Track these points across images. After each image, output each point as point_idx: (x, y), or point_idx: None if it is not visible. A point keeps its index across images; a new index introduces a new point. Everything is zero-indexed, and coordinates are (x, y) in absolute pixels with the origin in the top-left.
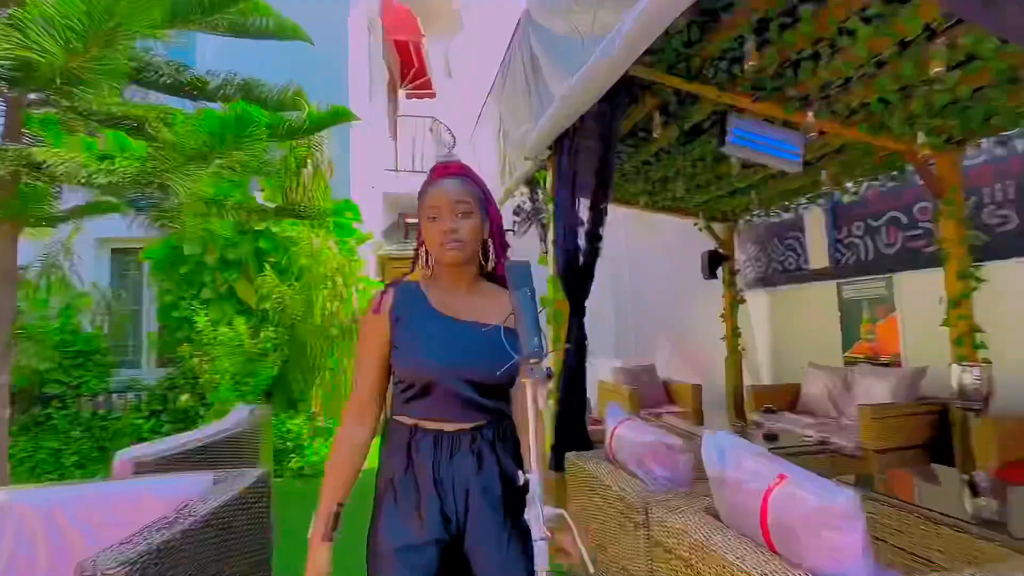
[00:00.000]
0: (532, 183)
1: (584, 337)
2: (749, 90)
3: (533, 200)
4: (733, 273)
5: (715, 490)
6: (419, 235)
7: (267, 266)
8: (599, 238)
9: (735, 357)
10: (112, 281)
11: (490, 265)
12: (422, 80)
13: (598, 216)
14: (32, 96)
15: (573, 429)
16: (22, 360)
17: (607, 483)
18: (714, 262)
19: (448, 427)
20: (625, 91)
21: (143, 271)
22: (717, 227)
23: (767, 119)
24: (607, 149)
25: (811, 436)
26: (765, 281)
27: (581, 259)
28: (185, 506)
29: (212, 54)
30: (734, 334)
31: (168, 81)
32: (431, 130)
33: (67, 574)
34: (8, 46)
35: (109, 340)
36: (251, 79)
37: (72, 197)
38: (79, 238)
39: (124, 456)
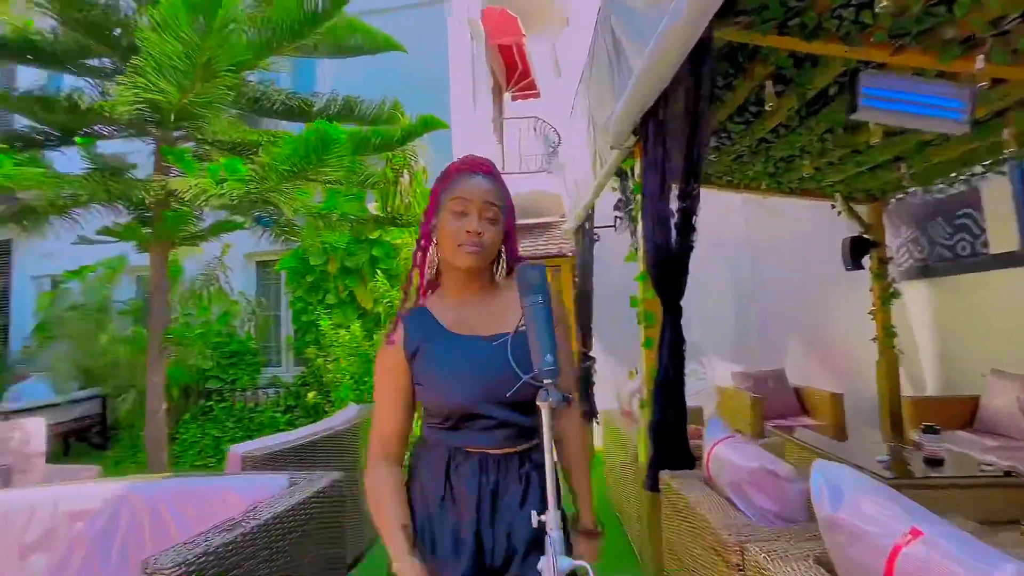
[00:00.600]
0: (622, 174)
1: (681, 340)
2: (885, 39)
3: (623, 192)
4: (884, 262)
5: (826, 535)
6: (428, 227)
7: (379, 272)
8: (692, 229)
9: (888, 361)
10: (257, 290)
11: (500, 274)
12: (526, 81)
13: (690, 205)
14: (176, 133)
15: (671, 442)
16: (191, 359)
17: (700, 511)
18: (858, 249)
19: (494, 451)
20: (712, 59)
21: (281, 280)
22: (860, 209)
23: (915, 72)
24: (696, 128)
25: (993, 463)
26: (926, 270)
27: (673, 253)
28: (253, 508)
29: (331, 74)
30: (887, 334)
31: (280, 108)
32: (535, 130)
33: None
34: (136, 90)
35: (257, 342)
36: (351, 98)
37: (216, 217)
38: (230, 253)
39: (235, 450)
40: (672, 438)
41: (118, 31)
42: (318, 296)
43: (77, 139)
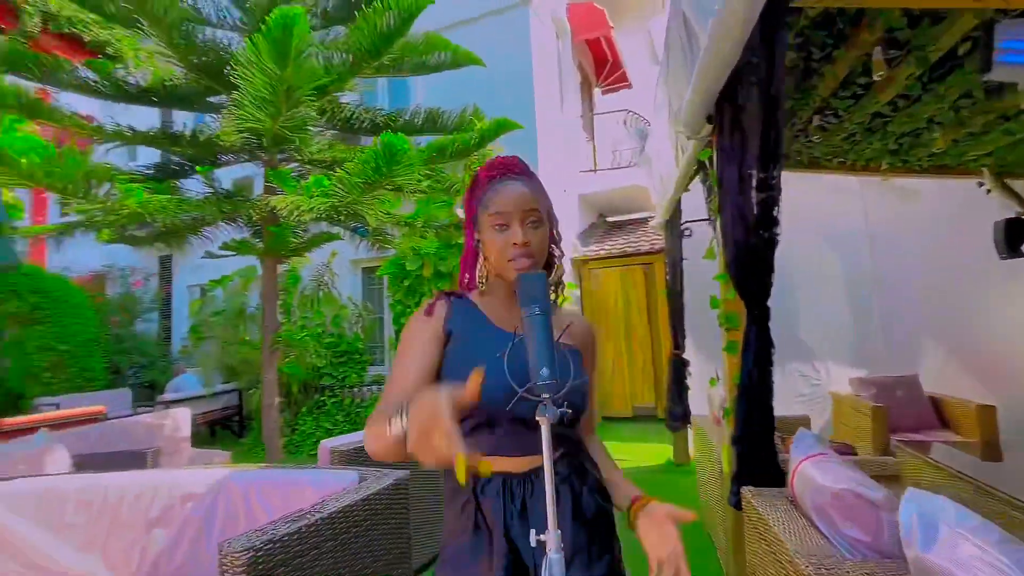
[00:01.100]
0: (702, 165)
1: (768, 344)
2: None
3: (704, 184)
4: None
5: None
6: (470, 244)
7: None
8: (774, 223)
9: None
10: (363, 294)
11: (553, 279)
12: (617, 74)
13: (770, 196)
14: (281, 156)
15: (756, 456)
16: (307, 359)
17: (779, 535)
18: (1017, 233)
19: (517, 467)
20: (784, 26)
21: (384, 285)
22: (1017, 185)
23: None
24: (773, 108)
25: None
26: None
27: (754, 250)
28: (321, 501)
29: (423, 86)
30: None
31: (368, 125)
32: (625, 123)
33: None
34: (238, 121)
35: (364, 343)
36: (433, 110)
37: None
38: (339, 260)
39: (325, 444)
40: (757, 451)
41: (228, 70)
42: (415, 299)
43: (197, 168)
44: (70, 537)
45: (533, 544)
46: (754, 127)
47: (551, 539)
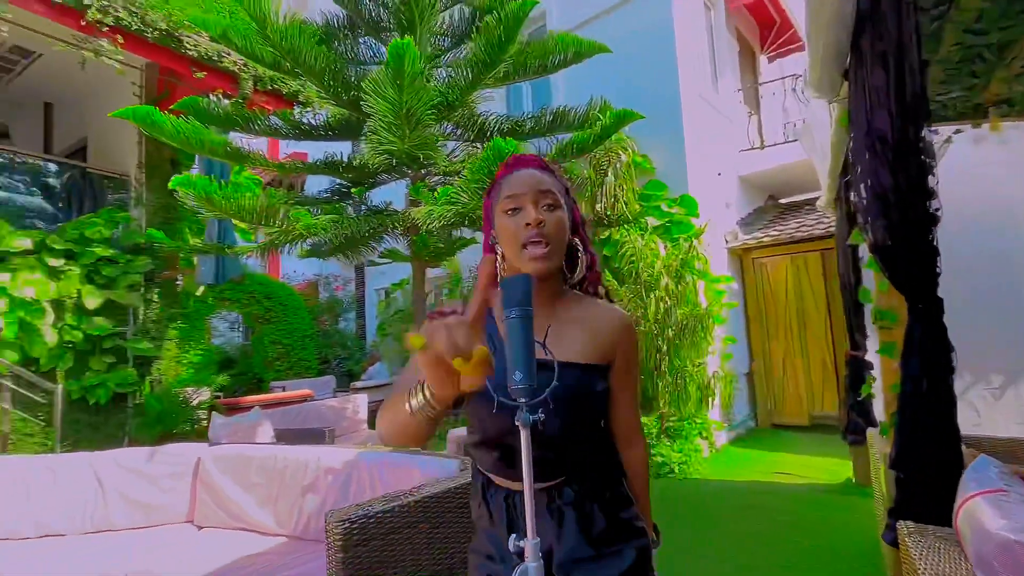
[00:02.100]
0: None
1: (944, 346)
2: None
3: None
4: None
5: None
6: (488, 237)
7: (606, 271)
8: (929, 193)
9: None
10: None
11: (578, 275)
12: (787, 35)
13: (917, 162)
14: (425, 171)
15: (921, 484)
16: None
17: None
18: None
19: (517, 486)
20: None
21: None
22: None
23: None
24: (905, 47)
25: None
26: None
27: (908, 229)
28: (420, 486)
29: (563, 82)
30: None
31: (498, 132)
32: (795, 90)
33: None
34: (375, 145)
35: None
36: (558, 110)
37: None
38: None
39: (452, 433)
40: (922, 478)
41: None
42: None
43: (352, 190)
44: (253, 494)
45: (512, 549)
46: (887, 74)
47: (529, 548)
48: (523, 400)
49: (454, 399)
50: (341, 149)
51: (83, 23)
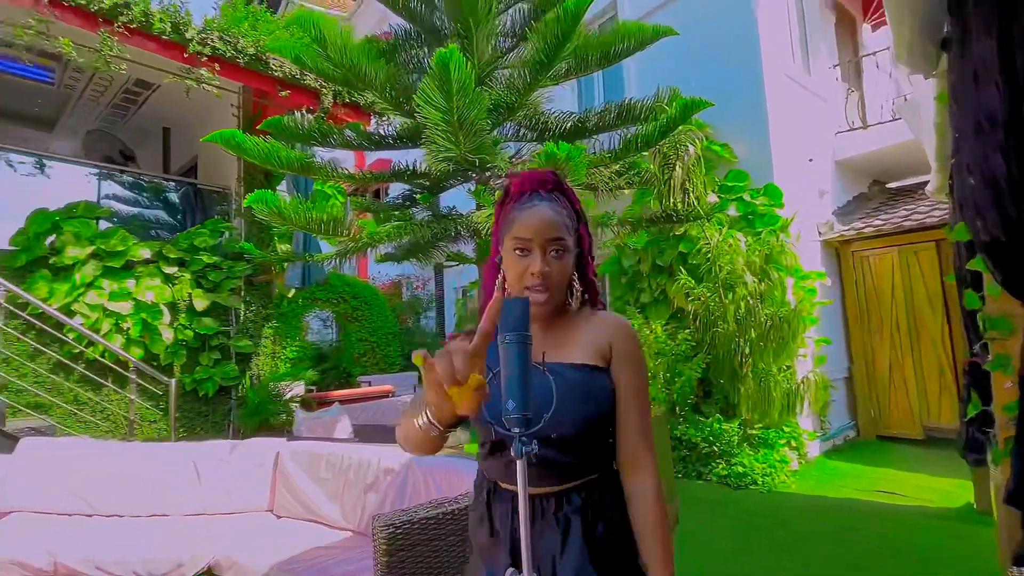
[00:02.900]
0: None
1: None
2: None
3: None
4: None
5: None
6: (494, 257)
7: (681, 268)
8: None
9: None
10: None
11: (575, 303)
12: None
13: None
14: (488, 174)
15: None
16: None
17: None
18: None
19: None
20: None
21: (606, 283)
22: None
23: None
24: (1014, 19)
25: None
26: None
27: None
28: (465, 493)
29: (636, 72)
30: None
31: (560, 131)
32: None
33: None
34: (434, 152)
35: None
36: (624, 103)
37: None
38: None
39: None
40: None
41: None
42: (634, 295)
43: (418, 197)
44: (323, 488)
45: None
46: (995, 42)
47: None
48: (517, 430)
49: (453, 421)
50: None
51: (186, 55)
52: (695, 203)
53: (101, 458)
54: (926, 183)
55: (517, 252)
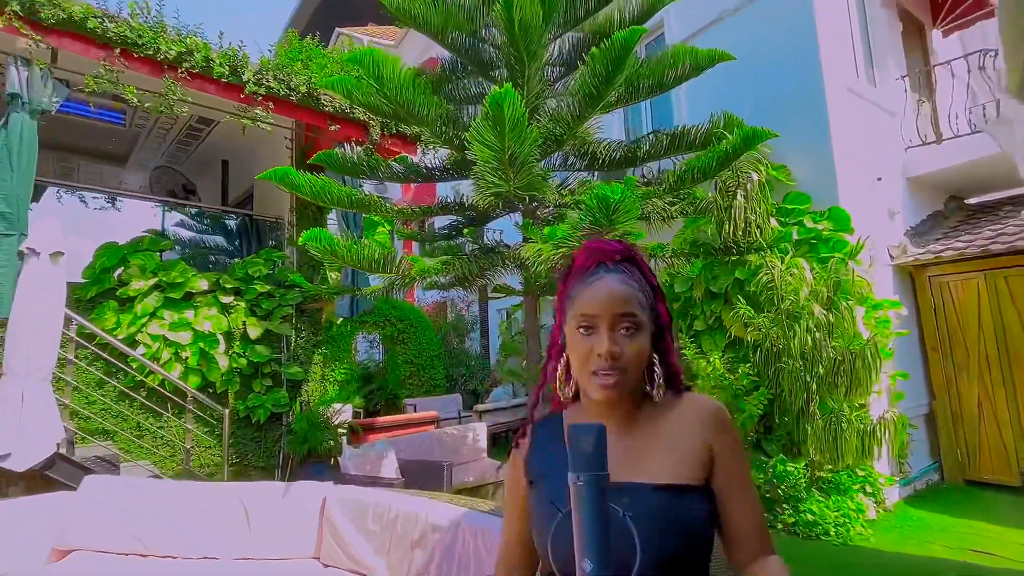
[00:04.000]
0: None
1: None
2: None
3: None
4: None
5: None
6: (556, 339)
7: (739, 296)
8: None
9: None
10: None
11: (657, 393)
12: (968, 2)
13: None
14: (534, 205)
15: None
16: None
17: None
18: None
19: None
20: None
21: None
22: None
23: None
24: None
25: None
26: None
27: None
28: None
29: (687, 98)
30: None
31: (611, 160)
32: (981, 68)
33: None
34: (483, 187)
35: None
36: (676, 130)
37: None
38: None
39: None
40: None
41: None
42: (686, 322)
43: (464, 231)
44: (370, 540)
45: None
46: None
47: None
48: None
49: None
50: (463, 186)
51: (242, 95)
52: (757, 233)
53: (158, 497)
54: (1012, 199)
55: (581, 331)
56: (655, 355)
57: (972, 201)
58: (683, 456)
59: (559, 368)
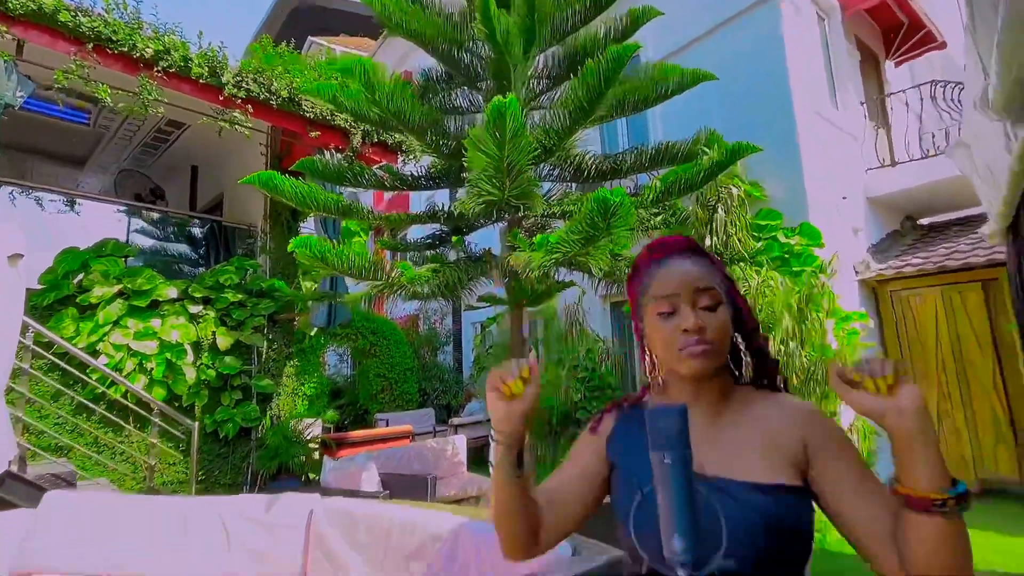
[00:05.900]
0: None
1: None
2: None
3: None
4: None
5: None
6: (639, 333)
7: None
8: None
9: None
10: (613, 329)
11: (747, 373)
12: (918, 36)
13: None
14: (520, 215)
15: None
16: (567, 393)
17: None
18: None
19: None
20: None
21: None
22: None
23: None
24: None
25: None
26: None
27: None
28: (531, 574)
29: (661, 116)
30: None
31: (597, 172)
32: (932, 97)
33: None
34: (476, 196)
35: (615, 378)
36: (662, 145)
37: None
38: (586, 297)
39: None
40: None
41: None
42: None
43: (453, 239)
44: (362, 554)
45: None
46: None
47: None
48: (682, 573)
49: (520, 432)
50: (440, 195)
51: (221, 98)
52: (738, 246)
53: (125, 512)
54: (965, 219)
55: (661, 316)
56: (738, 336)
57: (924, 221)
58: (779, 453)
59: (646, 361)
